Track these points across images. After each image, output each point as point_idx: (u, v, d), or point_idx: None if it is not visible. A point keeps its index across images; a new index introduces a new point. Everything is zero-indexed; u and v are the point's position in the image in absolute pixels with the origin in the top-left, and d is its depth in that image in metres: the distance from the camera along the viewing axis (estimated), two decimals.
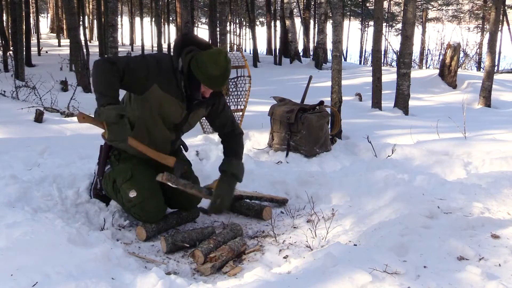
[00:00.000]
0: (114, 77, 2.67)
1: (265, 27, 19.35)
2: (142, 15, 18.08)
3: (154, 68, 2.81)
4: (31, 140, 4.64)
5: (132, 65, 2.76)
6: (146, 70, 2.79)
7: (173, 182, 2.86)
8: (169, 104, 2.87)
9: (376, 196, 3.24)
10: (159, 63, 2.84)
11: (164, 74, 2.82)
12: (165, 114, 2.91)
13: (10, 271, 2.02)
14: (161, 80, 2.81)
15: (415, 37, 8.48)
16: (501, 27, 13.80)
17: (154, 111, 2.88)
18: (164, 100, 2.85)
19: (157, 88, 2.81)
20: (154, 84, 2.80)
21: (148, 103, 2.86)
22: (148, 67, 2.80)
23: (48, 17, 33.46)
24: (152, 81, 2.80)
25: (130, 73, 2.75)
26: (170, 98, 2.85)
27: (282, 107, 4.71)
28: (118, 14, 10.74)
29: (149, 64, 2.81)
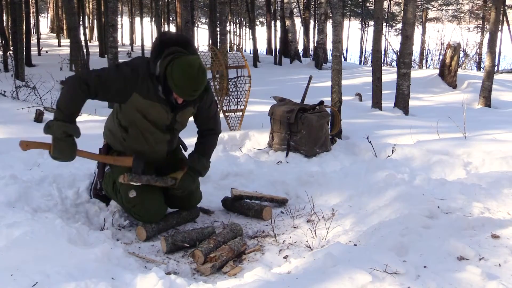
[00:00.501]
0: (77, 97, 2.72)
1: (265, 27, 19.35)
2: (142, 15, 18.08)
3: (130, 77, 2.78)
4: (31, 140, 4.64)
5: (104, 79, 2.76)
6: (122, 81, 2.77)
7: (136, 181, 2.86)
8: (153, 110, 2.86)
9: (376, 196, 3.24)
10: (134, 71, 2.80)
11: (141, 81, 2.79)
12: (152, 119, 2.90)
13: (10, 271, 2.02)
14: (139, 88, 2.79)
15: (415, 37, 8.48)
16: (501, 27, 13.80)
17: (141, 116, 2.88)
18: (146, 106, 2.84)
19: (137, 96, 2.80)
20: (133, 93, 2.80)
21: (134, 110, 2.87)
22: (124, 77, 2.78)
23: (48, 17, 33.48)
24: (131, 90, 2.79)
25: (104, 88, 2.77)
26: (152, 103, 2.83)
27: (282, 107, 4.71)
28: (118, 14, 10.74)
29: (124, 74, 2.78)
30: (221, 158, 4.17)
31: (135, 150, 2.99)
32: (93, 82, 2.73)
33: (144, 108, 2.85)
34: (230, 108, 5.59)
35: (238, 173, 3.91)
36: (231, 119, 5.55)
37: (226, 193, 3.52)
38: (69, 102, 2.73)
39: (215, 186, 3.71)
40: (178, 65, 2.68)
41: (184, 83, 2.67)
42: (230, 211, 3.38)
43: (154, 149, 3.02)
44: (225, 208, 3.42)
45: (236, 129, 5.40)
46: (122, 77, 2.78)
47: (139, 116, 2.88)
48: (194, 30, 17.69)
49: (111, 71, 2.83)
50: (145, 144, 2.98)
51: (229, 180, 3.82)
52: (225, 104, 5.60)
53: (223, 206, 3.43)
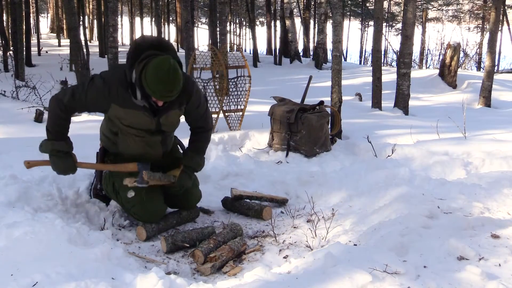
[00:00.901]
0: (58, 118, 2.85)
1: (265, 27, 19.35)
2: (142, 15, 18.09)
3: (102, 91, 2.77)
4: (31, 140, 4.64)
5: (78, 96, 2.81)
6: (95, 95, 2.79)
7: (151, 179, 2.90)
8: (135, 117, 2.84)
9: (376, 196, 3.24)
10: (106, 83, 2.77)
11: (116, 92, 2.76)
12: (137, 125, 2.89)
13: (10, 271, 2.02)
14: (116, 99, 2.78)
15: (415, 37, 8.48)
16: (501, 27, 13.80)
17: (124, 125, 2.89)
18: (127, 115, 2.83)
19: (115, 106, 2.81)
20: (111, 104, 2.80)
21: (116, 119, 2.88)
22: (97, 91, 2.79)
23: (48, 17, 33.48)
24: (108, 101, 2.79)
25: (80, 104, 2.85)
26: (132, 112, 2.81)
27: (282, 107, 4.71)
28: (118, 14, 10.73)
29: (97, 88, 2.78)
30: (221, 158, 4.17)
31: (129, 152, 2.99)
32: (68, 101, 2.82)
33: (125, 117, 2.84)
34: (230, 108, 5.59)
35: (238, 173, 3.91)
36: (231, 119, 5.55)
37: (226, 193, 3.52)
38: (52, 123, 2.88)
39: (215, 186, 3.71)
40: (150, 68, 2.61)
41: (157, 85, 2.60)
42: (230, 211, 3.38)
43: (148, 150, 3.01)
44: (225, 208, 3.42)
45: (236, 129, 5.40)
46: (95, 92, 2.79)
47: (122, 125, 2.89)
48: (194, 30, 17.68)
49: (84, 87, 2.82)
50: (138, 147, 2.97)
51: (229, 180, 3.82)
52: (225, 104, 5.60)
53: (223, 206, 3.43)
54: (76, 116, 6.06)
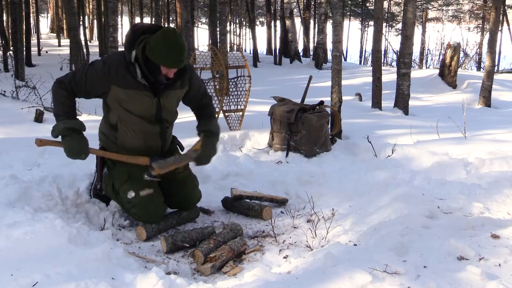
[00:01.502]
0: (63, 97, 2.87)
1: (265, 27, 19.35)
2: (142, 15, 18.08)
3: (103, 71, 2.82)
4: (31, 140, 4.64)
5: (78, 77, 2.86)
6: (94, 76, 2.83)
7: (165, 169, 2.90)
8: (135, 99, 2.87)
9: (376, 196, 3.24)
10: (107, 63, 2.85)
11: (116, 72, 2.82)
12: (137, 109, 2.91)
13: (10, 271, 2.02)
14: (116, 79, 2.82)
15: (415, 37, 8.48)
16: (501, 27, 13.81)
17: (125, 109, 2.91)
18: (128, 96, 2.86)
19: (115, 88, 2.84)
20: (111, 86, 2.83)
21: (116, 104, 2.90)
22: (96, 72, 2.84)
23: (48, 17, 33.48)
24: (108, 83, 2.83)
25: (79, 86, 2.87)
26: (133, 92, 2.85)
27: (282, 107, 4.71)
28: (118, 14, 10.73)
29: (97, 69, 2.84)
30: (221, 158, 4.17)
31: (128, 148, 2.99)
32: (69, 83, 2.86)
33: (126, 99, 2.86)
34: (230, 108, 5.59)
35: (238, 173, 3.91)
36: (231, 119, 5.55)
37: (226, 193, 3.52)
38: (59, 104, 2.89)
39: (215, 186, 3.71)
40: (156, 39, 2.71)
41: (167, 51, 2.68)
42: (230, 211, 3.38)
43: (146, 144, 3.01)
44: (225, 208, 3.42)
45: (236, 129, 5.40)
46: (94, 72, 2.85)
47: (123, 109, 2.90)
48: (194, 30, 17.68)
49: (84, 69, 2.89)
50: (136, 140, 2.98)
51: (229, 180, 3.82)
52: (225, 104, 5.60)
53: (223, 206, 3.43)
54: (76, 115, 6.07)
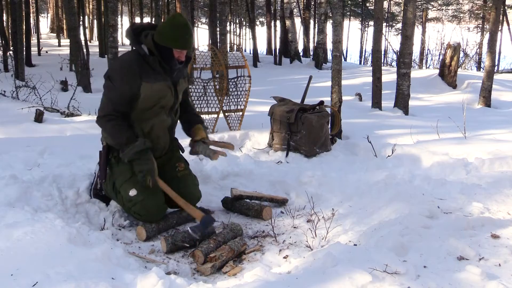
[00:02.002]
0: (115, 126, 2.91)
1: (265, 27, 19.35)
2: (142, 15, 18.07)
3: (130, 70, 2.89)
4: (31, 140, 4.64)
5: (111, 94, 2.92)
6: (125, 76, 2.88)
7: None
8: (159, 90, 2.95)
9: (376, 196, 3.24)
10: (128, 62, 2.92)
11: (140, 67, 2.89)
12: (160, 101, 2.99)
13: (10, 271, 2.02)
14: (144, 75, 2.89)
15: (415, 37, 8.48)
16: (501, 27, 13.81)
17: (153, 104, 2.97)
18: (155, 89, 2.93)
19: (143, 83, 2.90)
20: (141, 83, 2.89)
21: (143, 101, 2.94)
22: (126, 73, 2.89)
23: (48, 17, 33.48)
24: (138, 79, 2.88)
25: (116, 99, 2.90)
26: (157, 84, 2.94)
27: (282, 107, 4.71)
28: (118, 14, 10.73)
29: (123, 71, 2.90)
30: (221, 158, 4.16)
31: None
32: (108, 109, 2.91)
33: (153, 94, 2.93)
34: (230, 108, 5.59)
35: (238, 173, 3.91)
36: (231, 119, 5.55)
37: (226, 193, 3.52)
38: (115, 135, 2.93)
39: (215, 186, 3.71)
40: (165, 24, 2.87)
41: (179, 32, 2.82)
42: (230, 211, 3.37)
43: (159, 140, 3.09)
44: (225, 208, 3.42)
45: (236, 129, 5.40)
46: (123, 76, 2.89)
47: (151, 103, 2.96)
48: (194, 30, 17.66)
49: (110, 84, 2.93)
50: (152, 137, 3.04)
51: (229, 180, 3.82)
52: (225, 104, 5.60)
53: (223, 206, 3.43)
54: (76, 116, 6.07)
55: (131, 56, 2.97)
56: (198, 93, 5.56)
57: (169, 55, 2.90)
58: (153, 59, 2.90)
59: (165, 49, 2.88)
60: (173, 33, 2.82)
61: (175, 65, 2.95)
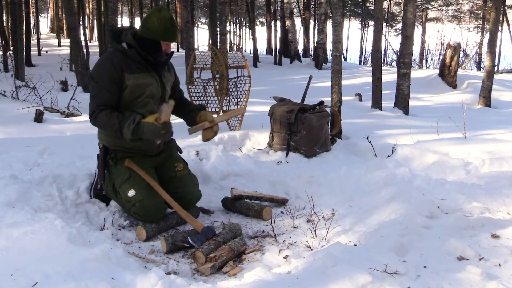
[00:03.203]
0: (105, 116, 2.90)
1: (265, 27, 19.35)
2: (142, 15, 18.05)
3: (109, 64, 2.93)
4: (31, 140, 4.65)
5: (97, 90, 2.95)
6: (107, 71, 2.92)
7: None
8: (144, 81, 2.99)
9: (376, 196, 3.24)
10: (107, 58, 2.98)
11: (119, 60, 2.94)
12: (146, 91, 3.00)
13: (10, 271, 2.02)
14: (123, 68, 2.93)
15: (415, 37, 8.48)
16: (501, 27, 13.81)
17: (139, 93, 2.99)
18: (138, 79, 2.96)
19: (126, 75, 2.94)
20: (122, 74, 2.92)
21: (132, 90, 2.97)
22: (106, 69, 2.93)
23: (48, 17, 33.47)
24: (119, 72, 2.92)
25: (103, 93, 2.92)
26: (140, 75, 2.97)
27: (282, 107, 4.71)
28: (118, 14, 10.73)
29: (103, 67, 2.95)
30: (221, 158, 4.17)
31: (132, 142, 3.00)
32: (96, 106, 2.93)
33: (138, 83, 2.96)
34: (230, 108, 5.59)
35: (238, 173, 3.91)
36: (231, 119, 5.55)
37: (226, 193, 3.52)
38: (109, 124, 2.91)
39: (215, 186, 3.71)
40: (151, 17, 2.92)
41: (166, 25, 2.89)
42: (230, 211, 3.38)
43: None
44: (225, 208, 3.42)
45: (236, 129, 5.40)
46: (104, 71, 2.94)
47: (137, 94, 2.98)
48: (194, 30, 17.67)
49: (93, 82, 2.98)
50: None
51: (229, 180, 3.82)
52: (225, 104, 5.60)
53: (223, 206, 3.43)
54: (76, 116, 6.07)
55: (109, 53, 3.04)
56: (198, 93, 5.56)
57: (157, 47, 2.96)
58: (132, 51, 2.95)
59: (152, 42, 2.93)
60: (161, 26, 2.88)
61: (162, 57, 3.01)
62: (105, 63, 2.97)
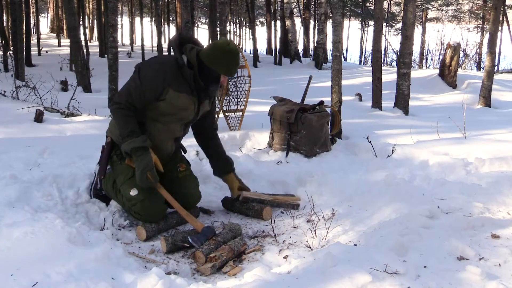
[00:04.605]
0: (124, 116, 2.91)
1: (265, 27, 19.35)
2: (142, 15, 18.07)
3: (160, 72, 2.91)
4: (31, 140, 4.64)
5: (134, 87, 2.91)
6: (153, 76, 2.90)
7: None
8: (183, 102, 2.97)
9: (376, 196, 3.24)
10: (163, 65, 2.94)
11: (172, 74, 2.91)
12: (181, 113, 3.02)
13: (10, 271, 2.02)
14: (172, 82, 2.90)
15: (415, 37, 8.48)
16: (501, 27, 13.80)
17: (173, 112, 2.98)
18: (178, 99, 2.94)
19: (170, 90, 2.91)
20: (167, 88, 2.91)
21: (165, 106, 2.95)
22: (155, 73, 2.91)
23: (48, 17, 33.49)
24: (164, 84, 2.90)
25: (138, 95, 2.91)
26: (182, 95, 2.95)
27: (282, 107, 4.71)
28: (118, 14, 10.73)
29: (154, 71, 2.92)
30: None
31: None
32: (125, 100, 2.92)
33: (176, 101, 2.94)
34: (230, 108, 5.59)
35: (238, 173, 3.90)
36: (231, 119, 5.55)
37: (226, 193, 3.52)
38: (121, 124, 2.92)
39: (215, 186, 3.71)
40: (216, 48, 2.89)
41: (230, 60, 2.87)
42: (230, 211, 3.38)
43: (162, 147, 3.09)
44: (225, 208, 3.42)
45: (236, 129, 5.40)
46: (151, 74, 2.92)
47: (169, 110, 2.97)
48: (194, 30, 17.67)
49: (136, 78, 2.94)
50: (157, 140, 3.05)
51: None
52: (225, 104, 5.60)
53: (223, 206, 3.43)
54: (76, 116, 6.07)
55: (168, 59, 3.00)
56: None
57: (215, 78, 2.94)
58: (189, 71, 2.91)
59: (211, 71, 2.91)
60: (226, 60, 2.87)
61: (216, 88, 3.02)
62: (158, 69, 2.92)
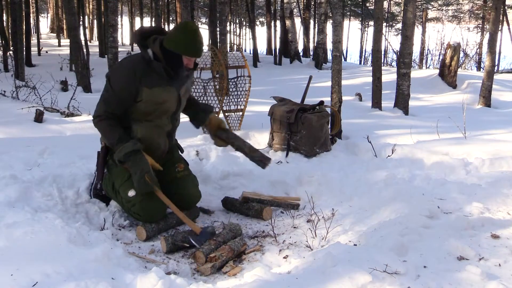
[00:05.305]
0: (108, 126, 2.92)
1: (265, 27, 19.35)
2: (142, 15, 18.07)
3: (130, 73, 2.88)
4: (31, 140, 4.64)
5: (108, 97, 2.92)
6: (124, 80, 2.88)
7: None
8: (161, 96, 2.94)
9: (376, 196, 3.24)
10: (130, 66, 2.92)
11: (142, 71, 2.88)
12: (163, 106, 2.99)
13: (10, 271, 2.02)
14: (144, 80, 2.88)
15: (415, 37, 8.47)
16: (501, 27, 13.80)
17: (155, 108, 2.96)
18: (156, 94, 2.92)
19: (145, 89, 2.89)
20: (141, 88, 2.88)
21: (146, 105, 2.93)
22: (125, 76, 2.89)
23: (48, 17, 33.48)
24: (137, 84, 2.87)
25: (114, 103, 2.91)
26: (159, 89, 2.92)
27: (282, 107, 4.71)
28: (118, 14, 10.73)
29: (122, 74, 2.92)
30: (221, 158, 4.17)
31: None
32: (104, 111, 2.92)
33: (155, 97, 2.93)
34: (230, 108, 5.59)
35: (238, 173, 3.91)
36: (231, 119, 5.55)
37: (226, 193, 3.52)
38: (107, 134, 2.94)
39: (215, 186, 3.71)
40: (177, 30, 2.86)
41: (191, 40, 2.81)
42: (230, 211, 3.38)
43: (158, 144, 3.09)
44: (225, 208, 3.42)
45: (236, 129, 5.40)
46: (122, 78, 2.89)
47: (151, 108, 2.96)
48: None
49: (108, 85, 2.94)
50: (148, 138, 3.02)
51: (229, 180, 3.82)
52: (225, 104, 5.59)
53: (223, 206, 3.43)
54: (76, 116, 6.07)
55: (134, 59, 2.97)
56: (198, 93, 5.55)
57: (178, 61, 2.88)
58: (157, 64, 2.88)
59: (174, 55, 2.86)
60: (185, 40, 2.81)
61: (183, 72, 2.95)
62: (126, 71, 2.90)
